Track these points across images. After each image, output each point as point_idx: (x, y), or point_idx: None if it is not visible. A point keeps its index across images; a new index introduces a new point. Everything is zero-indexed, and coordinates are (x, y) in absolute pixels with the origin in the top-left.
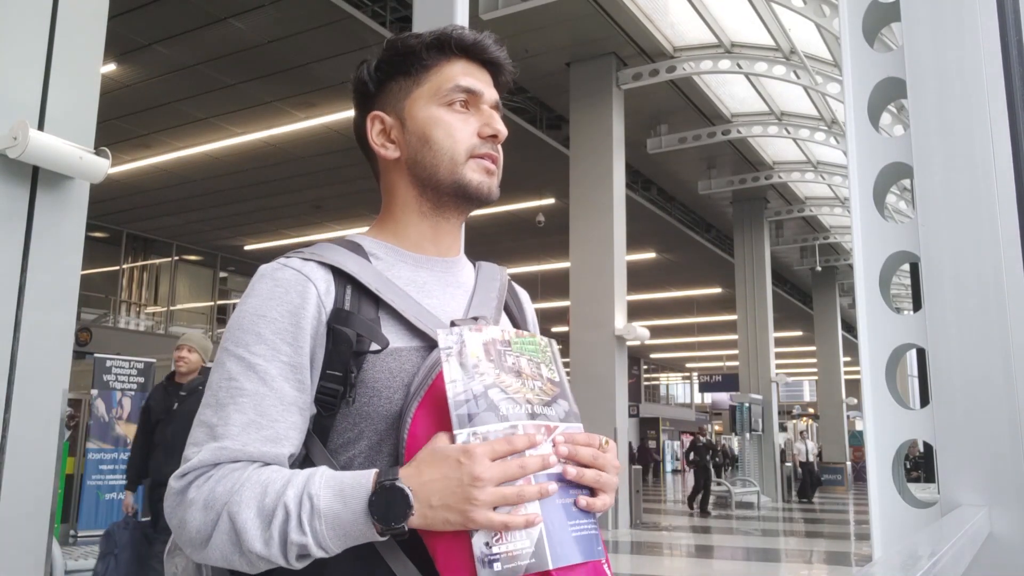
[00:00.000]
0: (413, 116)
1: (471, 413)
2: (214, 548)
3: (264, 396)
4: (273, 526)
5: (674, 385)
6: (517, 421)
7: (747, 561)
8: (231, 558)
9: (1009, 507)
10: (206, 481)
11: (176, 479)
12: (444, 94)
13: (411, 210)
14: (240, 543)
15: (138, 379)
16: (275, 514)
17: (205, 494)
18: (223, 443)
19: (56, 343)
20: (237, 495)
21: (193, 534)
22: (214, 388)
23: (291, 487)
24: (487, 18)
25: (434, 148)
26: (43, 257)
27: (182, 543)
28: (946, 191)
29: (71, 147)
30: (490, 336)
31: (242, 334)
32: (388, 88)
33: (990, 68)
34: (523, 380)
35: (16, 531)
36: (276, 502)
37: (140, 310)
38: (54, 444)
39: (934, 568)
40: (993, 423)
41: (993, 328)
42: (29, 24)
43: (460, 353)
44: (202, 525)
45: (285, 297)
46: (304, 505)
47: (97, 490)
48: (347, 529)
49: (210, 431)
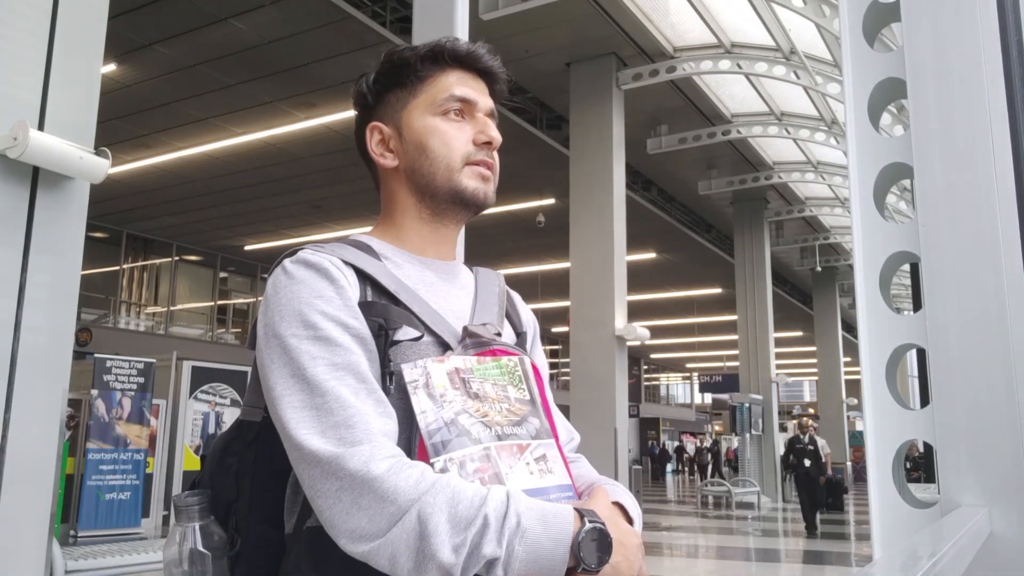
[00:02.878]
0: (410, 126)
1: (444, 440)
2: (387, 545)
3: (358, 363)
4: (468, 534)
5: (674, 385)
6: (489, 443)
7: (747, 561)
8: (399, 559)
9: (1009, 507)
10: (379, 469)
11: (336, 462)
12: (439, 104)
13: (412, 216)
14: (424, 546)
15: (138, 379)
16: (472, 523)
17: (385, 485)
18: (355, 423)
19: (56, 343)
20: (430, 495)
21: (363, 524)
22: (296, 368)
23: (491, 500)
24: (487, 18)
25: (430, 156)
26: (43, 257)
27: (337, 530)
28: (946, 191)
29: (71, 147)
30: (453, 365)
31: (305, 315)
32: (386, 99)
33: (990, 68)
34: (488, 404)
35: (16, 531)
36: (474, 512)
37: (140, 310)
38: (54, 444)
39: (934, 568)
40: (993, 423)
41: (993, 328)
42: (29, 24)
43: (427, 384)
44: (376, 517)
45: (332, 277)
46: (509, 521)
47: (97, 490)
48: (540, 555)
49: (325, 412)
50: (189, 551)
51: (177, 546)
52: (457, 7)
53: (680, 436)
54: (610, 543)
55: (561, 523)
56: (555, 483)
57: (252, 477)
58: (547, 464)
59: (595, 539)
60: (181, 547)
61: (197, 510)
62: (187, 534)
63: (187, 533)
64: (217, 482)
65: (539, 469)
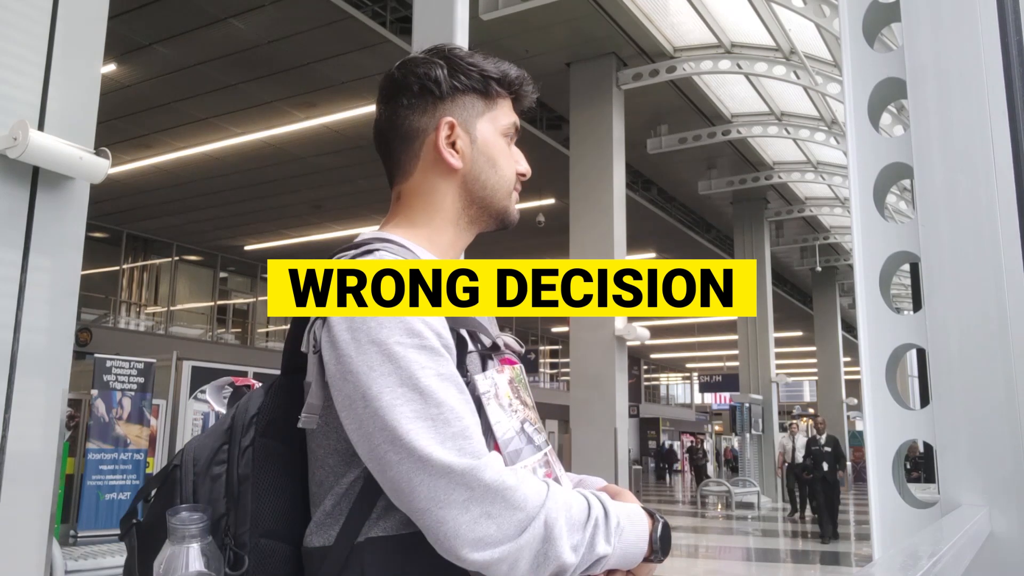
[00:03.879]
0: (484, 136)
1: (518, 449)
2: (514, 550)
3: (455, 374)
4: (584, 535)
5: (674, 385)
6: (545, 448)
7: (747, 561)
8: (520, 563)
9: (1009, 507)
10: (512, 480)
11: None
12: (505, 128)
13: (448, 220)
14: (548, 549)
15: (138, 379)
16: (587, 524)
17: (518, 494)
18: (471, 434)
19: (56, 343)
20: (552, 501)
21: (491, 532)
22: (407, 377)
23: (593, 504)
24: (487, 18)
25: (499, 173)
26: (43, 257)
27: (462, 539)
28: (946, 191)
29: (71, 147)
30: (509, 375)
31: (409, 323)
32: (461, 100)
33: (990, 68)
34: (531, 410)
35: (16, 531)
36: (585, 515)
37: (140, 310)
38: (54, 444)
39: (934, 568)
40: (993, 423)
41: (993, 328)
42: (29, 24)
43: (496, 395)
44: (506, 525)
45: None
46: (611, 521)
47: (97, 490)
48: (630, 550)
49: (443, 423)
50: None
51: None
52: (457, 7)
53: (680, 436)
54: (671, 536)
55: (640, 520)
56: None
57: (254, 487)
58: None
59: (667, 533)
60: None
61: (198, 529)
62: (187, 555)
63: (187, 554)
64: (203, 495)
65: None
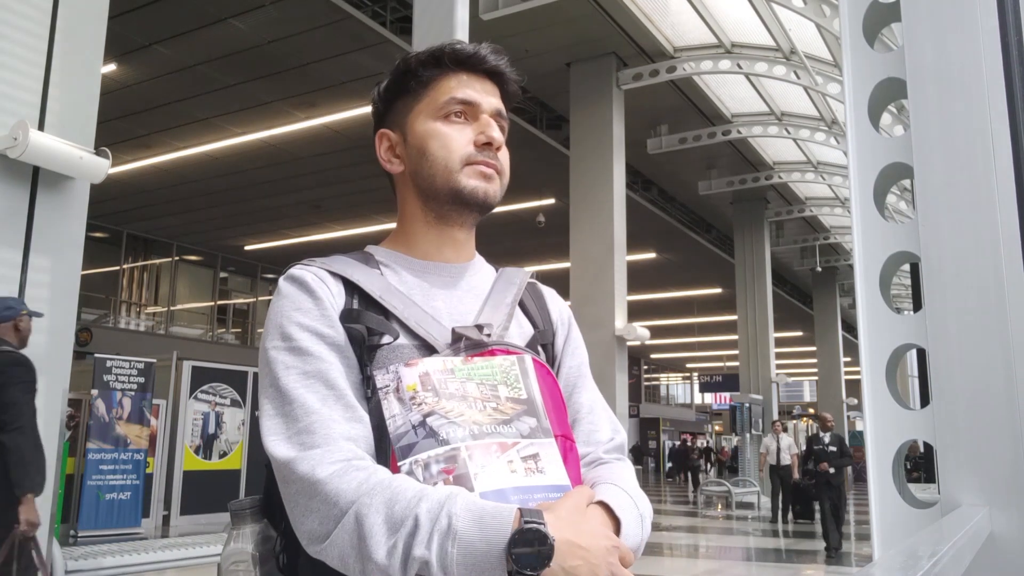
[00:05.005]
0: (413, 131)
1: (410, 443)
2: (333, 546)
3: (327, 370)
4: (399, 536)
5: (674, 385)
6: (459, 443)
7: (747, 561)
8: (347, 560)
9: (1009, 507)
10: (323, 472)
11: (289, 467)
12: (440, 107)
13: (418, 220)
14: (361, 548)
15: (138, 379)
16: (403, 524)
17: (328, 488)
18: (315, 429)
19: (56, 343)
20: (368, 497)
21: (315, 527)
22: (273, 379)
23: (425, 501)
24: (487, 18)
25: (430, 159)
26: (43, 257)
27: (298, 532)
28: (946, 191)
29: (71, 147)
30: (427, 368)
31: (284, 328)
32: (394, 107)
33: (990, 68)
34: (469, 403)
35: None
36: (406, 512)
37: (140, 310)
38: (54, 444)
39: (934, 568)
40: (993, 423)
41: (993, 328)
42: (29, 24)
43: (397, 389)
44: (324, 519)
45: (311, 289)
46: (440, 522)
47: (97, 490)
48: (478, 559)
49: (291, 420)
50: (244, 554)
51: (232, 548)
52: (457, 7)
53: (680, 436)
54: (550, 545)
55: (499, 524)
56: (544, 483)
57: None
58: (537, 463)
59: (530, 540)
60: (236, 550)
61: (249, 513)
62: (241, 537)
63: (241, 536)
64: (272, 486)
65: (526, 468)
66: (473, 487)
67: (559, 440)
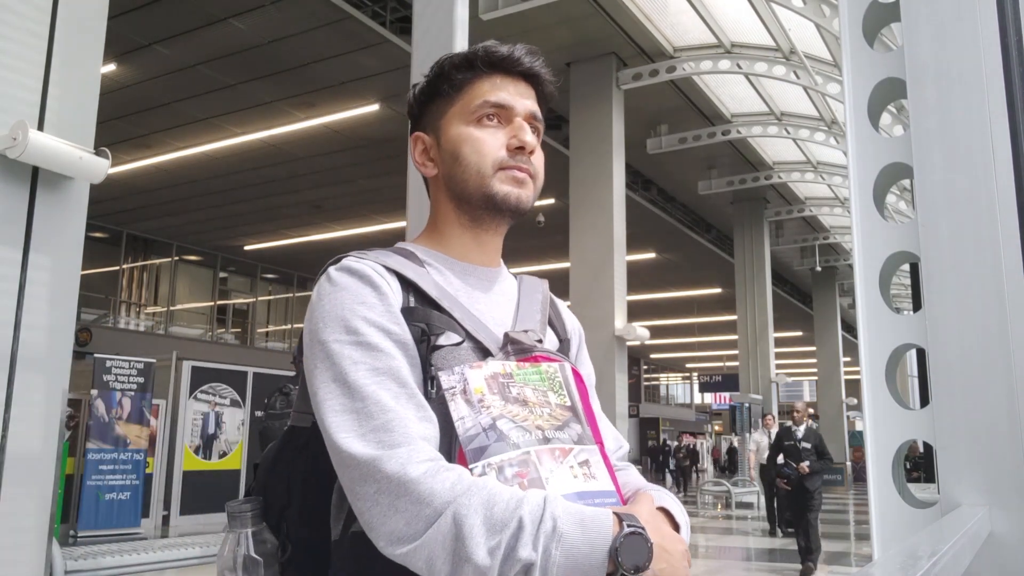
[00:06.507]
0: (447, 135)
1: (482, 446)
2: (423, 547)
3: (398, 368)
4: (502, 537)
5: (674, 385)
6: (529, 447)
7: (747, 561)
8: (435, 562)
9: (1009, 507)
10: (416, 472)
11: (374, 465)
12: (473, 111)
13: (453, 223)
14: (457, 549)
15: (138, 379)
16: (507, 526)
17: (422, 487)
18: (393, 427)
19: (56, 343)
20: (465, 497)
21: (400, 527)
22: (338, 373)
23: (527, 503)
24: (487, 18)
25: (463, 164)
26: (43, 257)
27: (376, 533)
28: (946, 191)
29: (71, 147)
30: (491, 370)
31: (349, 321)
32: (428, 110)
33: (990, 68)
34: (530, 408)
35: (16, 531)
36: (509, 515)
37: (140, 310)
38: (54, 444)
39: (934, 568)
40: (993, 423)
41: (993, 328)
42: (29, 24)
43: (464, 391)
44: (413, 519)
45: (375, 284)
46: (544, 524)
47: (97, 490)
48: (579, 561)
49: (365, 417)
50: (243, 557)
51: (230, 552)
52: (457, 7)
53: (680, 436)
54: (650, 548)
55: (599, 527)
56: (598, 488)
57: (302, 484)
58: (590, 470)
59: (634, 544)
60: (235, 553)
61: (250, 516)
62: (240, 540)
63: (240, 539)
64: (270, 489)
65: (583, 474)
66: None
67: (600, 447)
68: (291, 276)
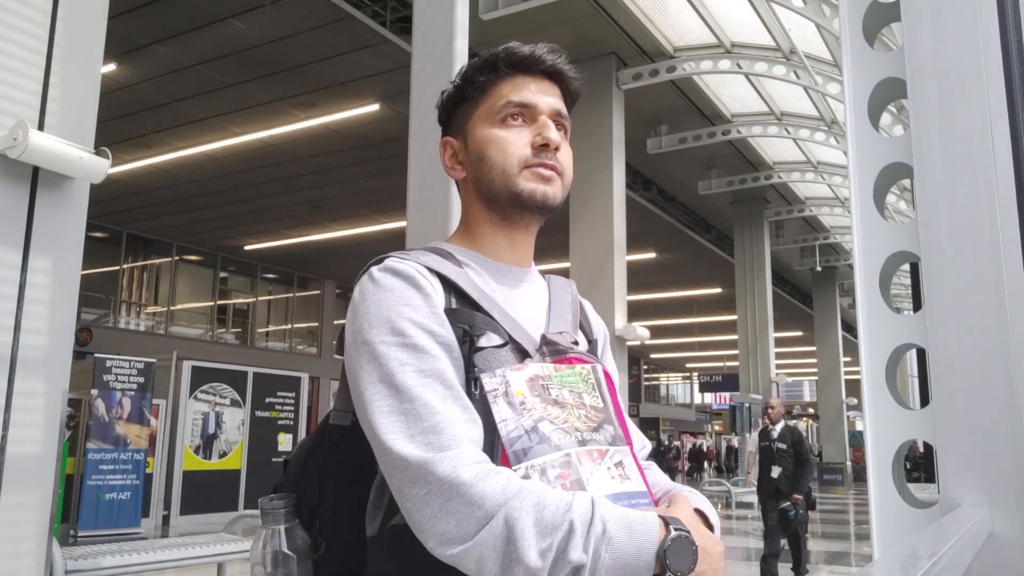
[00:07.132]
0: (473, 137)
1: (525, 448)
2: (474, 548)
3: (444, 370)
4: (554, 539)
5: (674, 385)
6: (570, 449)
7: (747, 561)
8: (486, 563)
9: (1009, 507)
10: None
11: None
12: (497, 112)
13: (485, 222)
14: (509, 551)
15: (138, 379)
16: (558, 529)
17: (474, 490)
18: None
19: (56, 343)
20: (517, 500)
21: (451, 528)
22: (386, 374)
23: (576, 507)
24: (487, 18)
25: (489, 164)
26: (43, 257)
27: (426, 533)
28: (946, 191)
29: (71, 147)
30: (531, 373)
31: (395, 322)
32: (455, 114)
33: (990, 68)
34: (568, 410)
35: (16, 531)
36: (560, 518)
37: (140, 310)
38: (54, 444)
39: (934, 568)
40: (993, 423)
41: (993, 328)
42: (29, 24)
43: (506, 393)
44: (463, 521)
45: (419, 285)
46: (595, 527)
47: (97, 490)
48: (627, 563)
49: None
50: (274, 553)
51: (262, 548)
52: (457, 7)
53: (680, 436)
54: (695, 551)
55: (646, 530)
56: (633, 489)
57: (335, 481)
58: (624, 471)
59: (681, 547)
60: (266, 549)
61: (283, 513)
62: (273, 536)
63: (273, 535)
64: (301, 487)
65: (619, 475)
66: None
67: (630, 447)
68: (291, 276)
